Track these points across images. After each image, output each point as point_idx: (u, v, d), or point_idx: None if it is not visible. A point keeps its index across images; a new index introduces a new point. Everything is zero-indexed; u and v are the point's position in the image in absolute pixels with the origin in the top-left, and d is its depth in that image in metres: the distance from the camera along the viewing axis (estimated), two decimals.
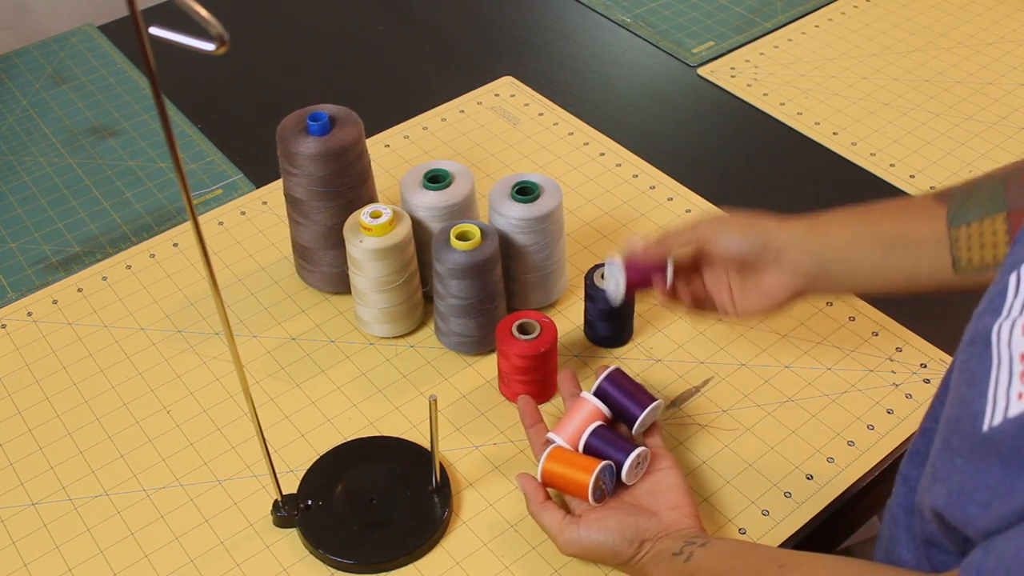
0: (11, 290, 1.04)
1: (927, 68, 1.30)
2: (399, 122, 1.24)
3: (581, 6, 1.43)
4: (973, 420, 0.54)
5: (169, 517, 0.84)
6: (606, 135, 1.21)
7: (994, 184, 0.72)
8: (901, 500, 0.69)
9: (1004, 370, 0.53)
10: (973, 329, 0.58)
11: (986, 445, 0.52)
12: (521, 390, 0.90)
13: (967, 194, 0.73)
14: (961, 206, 0.73)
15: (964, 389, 0.56)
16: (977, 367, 0.55)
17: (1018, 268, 0.56)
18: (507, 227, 0.93)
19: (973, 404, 0.54)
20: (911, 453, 0.70)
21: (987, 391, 0.54)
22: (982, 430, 0.53)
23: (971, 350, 0.57)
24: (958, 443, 0.55)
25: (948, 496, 0.55)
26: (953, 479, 0.55)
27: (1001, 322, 0.55)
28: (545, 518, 0.78)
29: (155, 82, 0.53)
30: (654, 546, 0.74)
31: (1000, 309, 0.56)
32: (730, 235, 0.79)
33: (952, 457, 0.56)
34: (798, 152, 1.19)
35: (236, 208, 1.12)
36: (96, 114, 1.26)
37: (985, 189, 0.72)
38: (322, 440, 0.89)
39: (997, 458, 0.52)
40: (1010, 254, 0.59)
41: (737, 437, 0.89)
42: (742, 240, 0.78)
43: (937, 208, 0.74)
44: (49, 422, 0.91)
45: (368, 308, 0.95)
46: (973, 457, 0.53)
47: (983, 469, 0.52)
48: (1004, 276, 0.57)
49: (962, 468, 0.54)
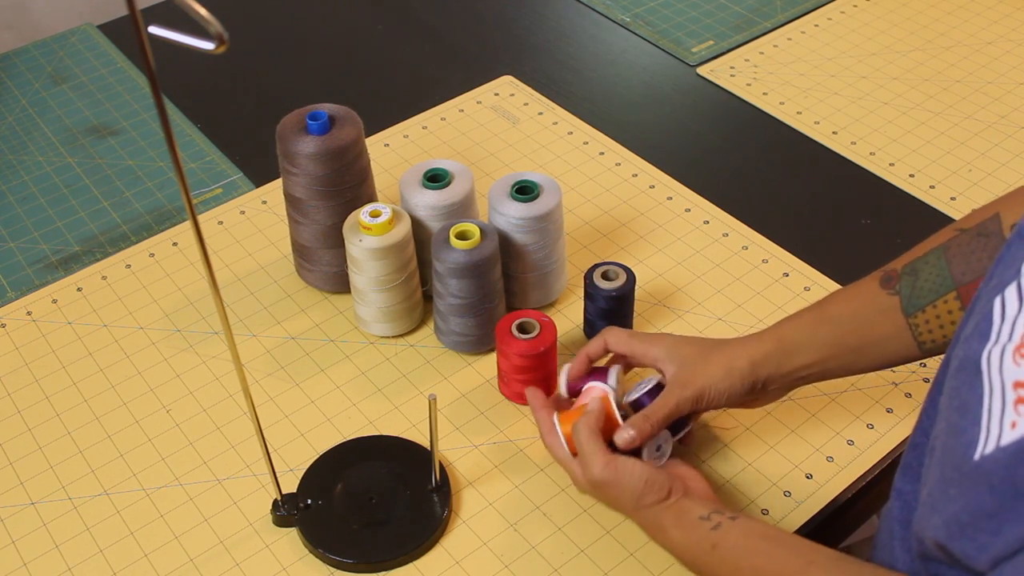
0: (11, 289, 1.04)
1: (926, 67, 1.30)
2: (398, 121, 1.24)
3: (581, 5, 1.43)
4: (965, 449, 0.53)
5: (169, 516, 0.84)
6: (606, 134, 1.21)
7: (937, 262, 0.74)
8: (896, 514, 0.69)
9: (997, 398, 0.53)
10: (962, 355, 0.57)
11: (978, 474, 0.52)
12: (521, 389, 0.90)
13: (913, 277, 0.75)
14: (912, 293, 0.74)
15: (956, 418, 0.55)
16: (968, 395, 0.55)
17: (1002, 292, 0.56)
18: (506, 226, 0.93)
19: (966, 433, 0.54)
20: (903, 468, 0.70)
21: (979, 420, 0.53)
22: (974, 459, 0.52)
23: (961, 377, 0.56)
24: (950, 472, 0.55)
25: (947, 528, 0.54)
26: (948, 510, 0.54)
27: (990, 348, 0.54)
28: (584, 435, 0.76)
29: (154, 81, 0.53)
30: (678, 501, 0.73)
31: (988, 334, 0.55)
32: (723, 393, 0.79)
33: (946, 488, 0.55)
34: (797, 151, 1.19)
35: (236, 207, 1.12)
36: (95, 113, 1.26)
37: (930, 270, 0.74)
38: (322, 439, 0.89)
39: (987, 488, 0.51)
40: (992, 277, 0.59)
41: (737, 436, 0.89)
42: (739, 392, 0.79)
43: (889, 301, 0.76)
44: (49, 421, 0.91)
45: (368, 307, 0.95)
46: (964, 487, 0.53)
47: (975, 500, 0.52)
48: (988, 301, 0.57)
49: (955, 498, 0.54)
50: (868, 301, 0.77)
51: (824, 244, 1.06)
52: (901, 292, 0.75)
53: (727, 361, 0.79)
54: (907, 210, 1.10)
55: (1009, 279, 0.57)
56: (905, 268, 0.76)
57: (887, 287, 0.76)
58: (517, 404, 0.91)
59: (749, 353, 0.79)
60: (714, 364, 0.79)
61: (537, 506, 0.84)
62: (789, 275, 1.03)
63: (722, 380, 0.78)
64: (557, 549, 0.81)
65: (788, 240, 1.06)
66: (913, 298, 0.74)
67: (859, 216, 1.10)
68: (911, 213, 1.10)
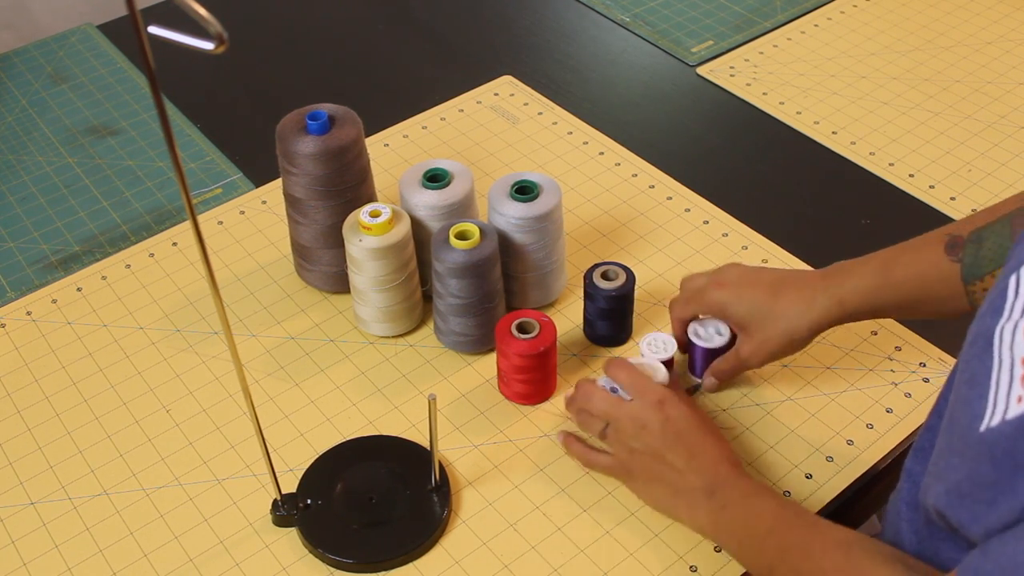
0: (10, 289, 1.04)
1: (926, 67, 1.30)
2: (398, 121, 1.24)
3: (580, 5, 1.43)
4: (972, 421, 0.54)
5: (168, 516, 0.84)
6: (605, 134, 1.21)
7: (1002, 231, 0.75)
8: (905, 495, 0.69)
9: (1005, 373, 0.54)
10: (975, 330, 0.58)
11: (981, 446, 0.53)
12: (520, 389, 0.90)
13: (977, 246, 0.76)
14: (973, 262, 0.76)
15: (965, 389, 0.56)
16: (978, 368, 0.56)
17: (1018, 270, 0.57)
18: (506, 226, 0.93)
19: (973, 405, 0.55)
20: (916, 449, 0.70)
21: (987, 393, 0.54)
22: (979, 431, 0.53)
23: (972, 351, 0.57)
24: (956, 443, 0.56)
25: (947, 496, 0.55)
26: (950, 478, 0.55)
27: (1003, 324, 0.55)
28: (627, 368, 0.83)
29: (154, 81, 0.53)
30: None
31: (1001, 310, 0.56)
32: (784, 352, 0.86)
33: (949, 456, 0.56)
34: (797, 151, 1.19)
35: (235, 207, 1.12)
36: (95, 113, 1.26)
37: (995, 239, 0.75)
38: (321, 439, 0.89)
39: (989, 459, 0.52)
40: (1011, 255, 0.59)
41: (737, 436, 0.89)
42: (792, 352, 0.86)
43: (951, 267, 0.77)
44: (48, 421, 0.91)
45: (367, 307, 0.95)
46: (967, 457, 0.54)
47: (977, 470, 0.53)
48: (1005, 277, 0.58)
49: (957, 467, 0.55)
50: (932, 266, 0.79)
51: (823, 244, 1.06)
52: (964, 260, 0.77)
53: (790, 329, 0.84)
54: (907, 210, 1.10)
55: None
56: (971, 235, 0.77)
57: (952, 254, 0.78)
58: (517, 404, 0.91)
59: (811, 320, 0.82)
60: (778, 328, 0.84)
61: (537, 506, 0.84)
62: None
63: (784, 346, 0.84)
64: (557, 549, 0.81)
65: (788, 240, 1.06)
66: (974, 267, 0.76)
67: (859, 216, 1.10)
68: (911, 213, 1.10)
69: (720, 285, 0.86)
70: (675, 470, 0.78)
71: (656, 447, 0.79)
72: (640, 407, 0.80)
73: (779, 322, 0.83)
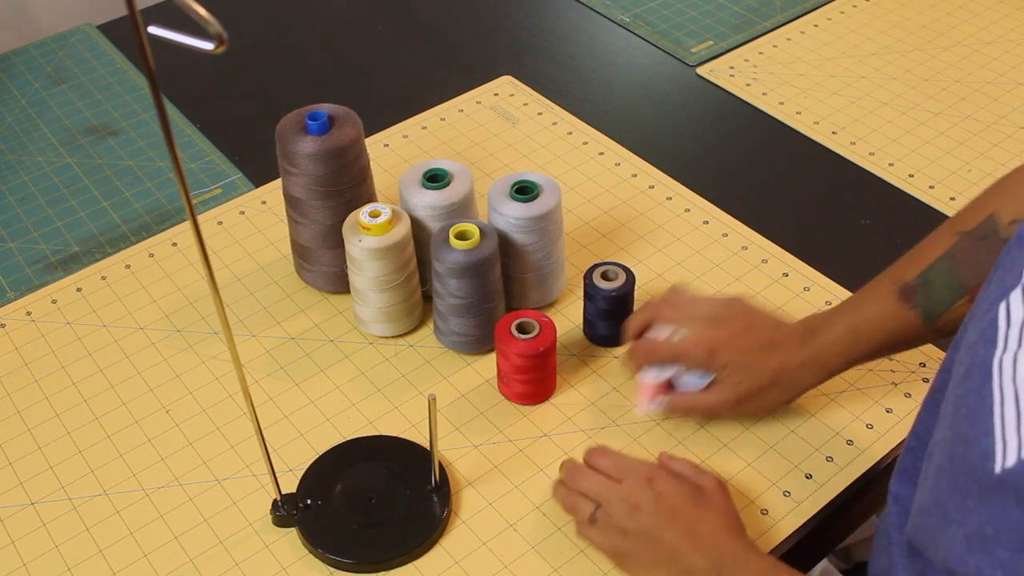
0: (10, 290, 1.04)
1: (926, 67, 1.30)
2: (398, 121, 1.24)
3: (580, 6, 1.43)
4: (983, 461, 0.52)
5: (168, 516, 0.84)
6: (605, 134, 1.21)
7: (948, 270, 0.77)
8: (894, 520, 0.68)
9: (1010, 407, 0.52)
10: (968, 361, 0.57)
11: (1002, 488, 0.51)
12: (520, 389, 0.90)
13: (928, 289, 0.78)
14: (928, 304, 0.79)
15: (965, 427, 0.55)
16: (977, 404, 0.54)
17: (1006, 298, 0.56)
18: (506, 226, 0.93)
19: (979, 443, 0.53)
20: (899, 472, 0.69)
21: (993, 429, 0.52)
22: (995, 472, 0.51)
23: (968, 384, 0.56)
24: (966, 483, 0.54)
25: (968, 541, 0.53)
26: (970, 522, 0.53)
27: (1001, 356, 0.54)
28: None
29: (154, 81, 0.53)
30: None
31: (994, 340, 0.55)
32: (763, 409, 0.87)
33: (963, 499, 0.54)
34: (797, 151, 1.19)
35: (235, 207, 1.12)
36: (95, 114, 1.26)
37: (942, 279, 0.78)
38: (321, 439, 0.89)
39: (1015, 500, 0.50)
40: (991, 282, 0.58)
41: (736, 436, 0.89)
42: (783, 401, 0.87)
43: (912, 314, 0.80)
44: (48, 421, 0.91)
45: (367, 307, 0.95)
46: (987, 499, 0.52)
47: (1002, 513, 0.51)
48: (992, 306, 0.56)
49: (977, 510, 0.53)
50: (892, 318, 0.81)
51: (823, 244, 1.06)
52: (919, 304, 0.79)
53: (773, 408, 0.87)
54: (906, 210, 1.10)
55: (1012, 284, 0.56)
56: (918, 280, 0.79)
57: (907, 301, 0.80)
58: (517, 404, 0.91)
59: (793, 380, 0.84)
60: (761, 406, 0.86)
61: (537, 506, 0.84)
62: (789, 275, 1.03)
63: (769, 401, 0.86)
64: (557, 549, 0.81)
65: (787, 240, 1.06)
66: (931, 308, 0.79)
67: (858, 216, 1.10)
68: (910, 213, 1.10)
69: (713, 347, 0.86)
70: (675, 550, 0.73)
71: (650, 528, 0.74)
72: (630, 487, 0.76)
73: (765, 404, 0.86)
